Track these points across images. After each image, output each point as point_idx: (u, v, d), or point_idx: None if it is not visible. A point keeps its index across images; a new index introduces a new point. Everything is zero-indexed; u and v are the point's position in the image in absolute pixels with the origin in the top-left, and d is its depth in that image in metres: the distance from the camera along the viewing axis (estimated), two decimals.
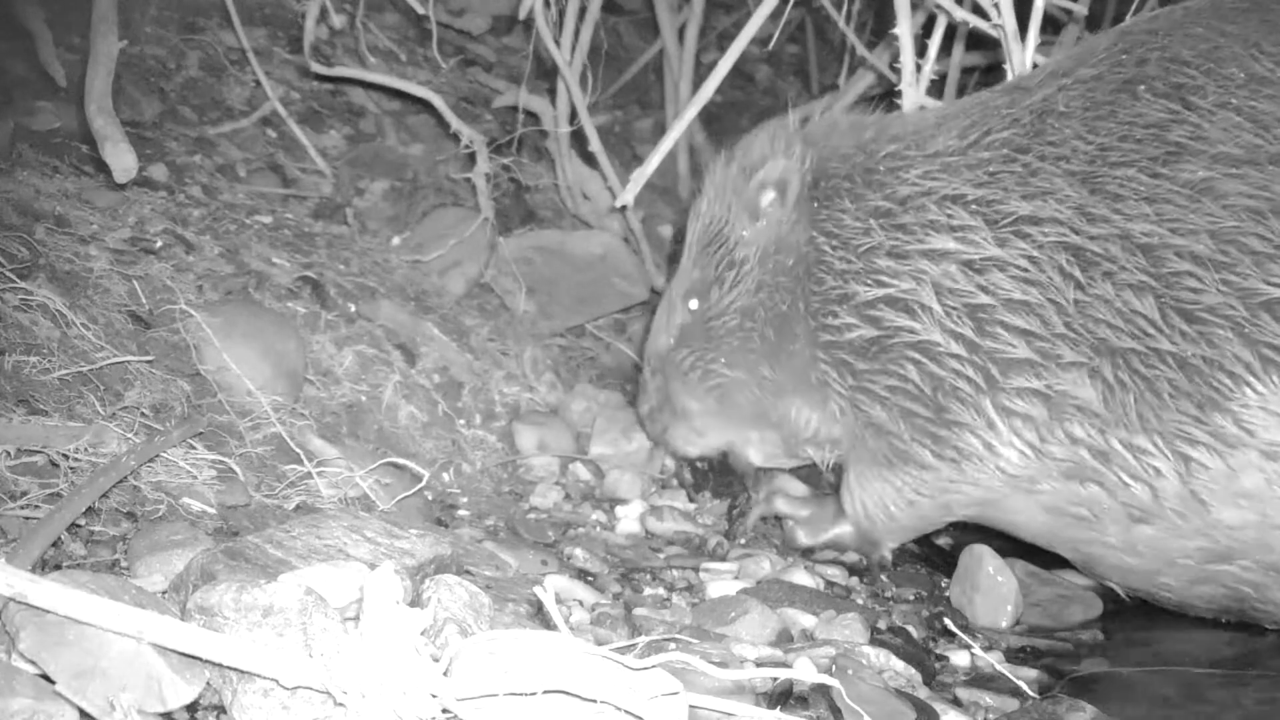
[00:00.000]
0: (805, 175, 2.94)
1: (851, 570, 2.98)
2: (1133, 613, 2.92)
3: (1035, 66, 3.15)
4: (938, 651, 2.65)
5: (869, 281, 2.77)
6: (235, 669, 1.77)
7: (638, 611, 2.56)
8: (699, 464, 3.33)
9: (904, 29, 3.24)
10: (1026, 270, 2.62)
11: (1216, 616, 2.77)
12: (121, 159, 2.77)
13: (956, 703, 2.39)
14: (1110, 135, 2.61)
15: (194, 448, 2.62)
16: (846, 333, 2.80)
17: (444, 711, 1.69)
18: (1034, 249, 2.63)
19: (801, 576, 2.83)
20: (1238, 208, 2.45)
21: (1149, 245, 2.51)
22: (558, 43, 3.78)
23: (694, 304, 3.06)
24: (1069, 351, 2.58)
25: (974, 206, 2.70)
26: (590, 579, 2.74)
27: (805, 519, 3.07)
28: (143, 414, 2.63)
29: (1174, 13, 2.77)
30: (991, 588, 2.82)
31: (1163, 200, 2.51)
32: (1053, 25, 3.68)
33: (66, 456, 2.42)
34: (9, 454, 2.39)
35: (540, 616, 2.33)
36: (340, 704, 1.68)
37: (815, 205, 2.90)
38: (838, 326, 2.81)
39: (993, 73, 4.22)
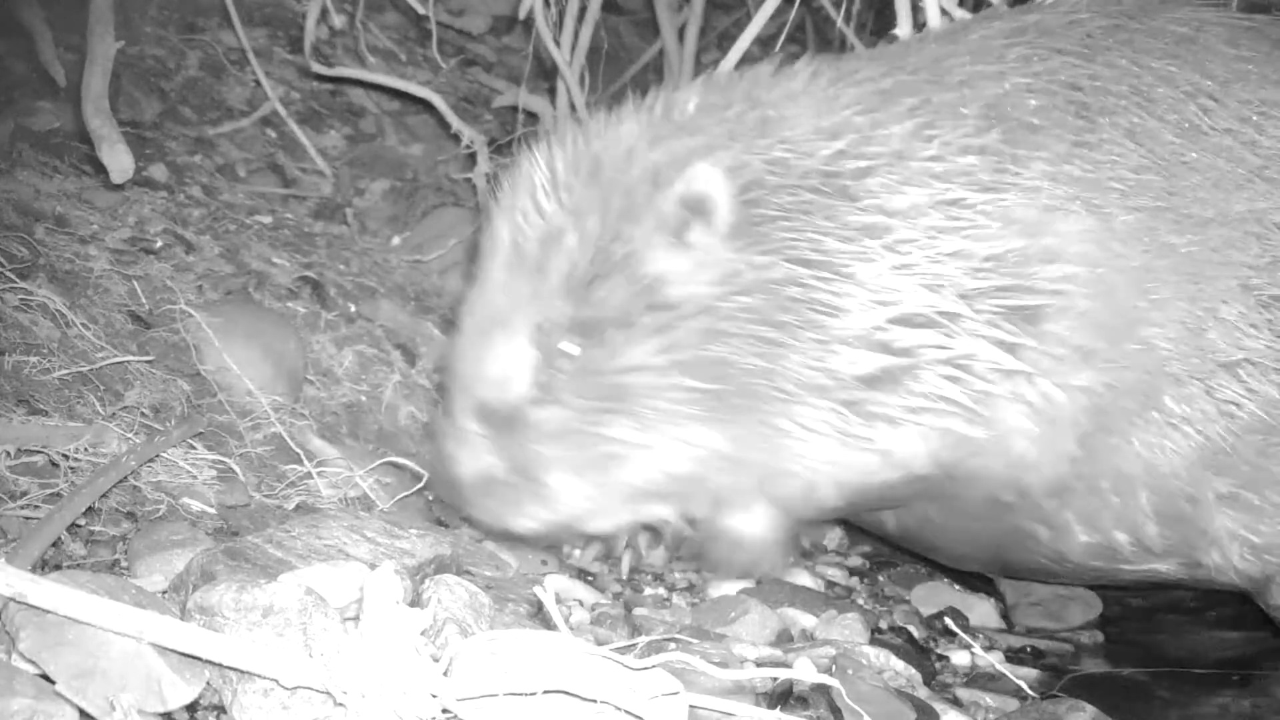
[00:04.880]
0: (739, 188, 2.38)
1: (852, 571, 2.98)
2: (1133, 613, 2.92)
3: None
4: (938, 651, 2.64)
5: (874, 303, 2.39)
6: (235, 669, 1.77)
7: (638, 611, 2.56)
8: None
9: (904, 30, 3.23)
10: (1081, 267, 2.44)
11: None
12: (118, 160, 2.77)
13: (956, 703, 2.39)
14: (1097, 168, 2.46)
15: (194, 448, 2.62)
16: (845, 370, 2.39)
17: (444, 711, 1.69)
18: (1070, 250, 2.44)
19: (803, 578, 2.83)
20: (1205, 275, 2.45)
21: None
22: (558, 43, 3.78)
23: (573, 349, 2.39)
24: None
25: (983, 207, 2.42)
26: (590, 579, 2.74)
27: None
28: (143, 414, 2.63)
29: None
30: None
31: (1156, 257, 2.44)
32: None
33: (66, 456, 2.41)
34: (9, 454, 2.39)
35: (540, 616, 2.33)
36: (340, 704, 1.68)
37: (774, 227, 2.39)
38: (834, 368, 2.39)
39: None
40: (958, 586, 2.94)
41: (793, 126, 2.46)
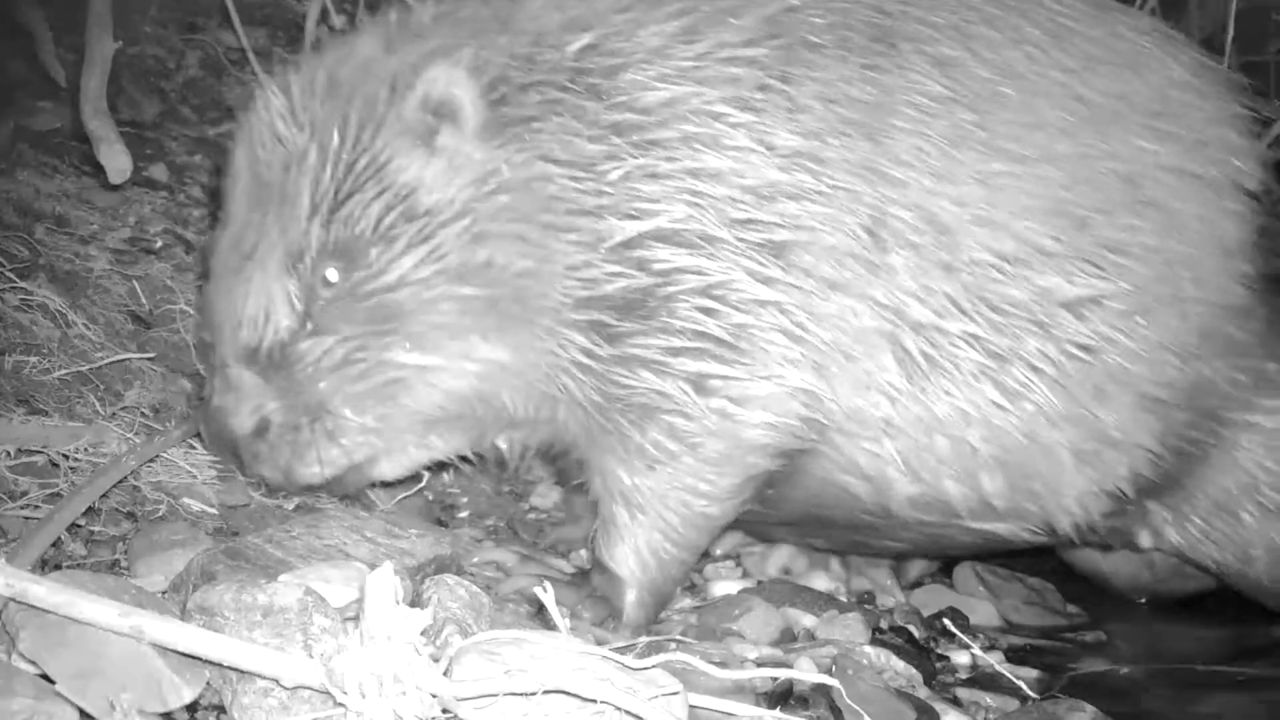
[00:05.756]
0: (484, 87, 2.29)
1: None
2: (1133, 613, 2.92)
3: None
4: (938, 651, 2.64)
5: (629, 213, 2.27)
6: (235, 669, 1.77)
7: None
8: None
9: None
10: (825, 207, 2.32)
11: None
12: (116, 160, 2.76)
13: (956, 703, 2.39)
14: (888, 92, 2.38)
15: (194, 448, 2.62)
16: (605, 285, 2.28)
17: (444, 711, 1.69)
18: (825, 185, 2.32)
19: (822, 582, 2.83)
20: (1033, 208, 2.40)
21: (949, 226, 2.37)
22: None
23: (333, 274, 2.28)
24: (869, 316, 2.35)
25: (744, 130, 2.31)
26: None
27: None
28: (143, 414, 2.63)
29: None
30: None
31: (959, 182, 2.38)
32: None
33: (66, 456, 2.42)
34: (9, 454, 2.39)
35: (540, 616, 2.33)
36: (340, 704, 1.68)
37: (525, 126, 2.29)
38: (593, 279, 2.28)
39: None
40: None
41: (536, 20, 2.38)
